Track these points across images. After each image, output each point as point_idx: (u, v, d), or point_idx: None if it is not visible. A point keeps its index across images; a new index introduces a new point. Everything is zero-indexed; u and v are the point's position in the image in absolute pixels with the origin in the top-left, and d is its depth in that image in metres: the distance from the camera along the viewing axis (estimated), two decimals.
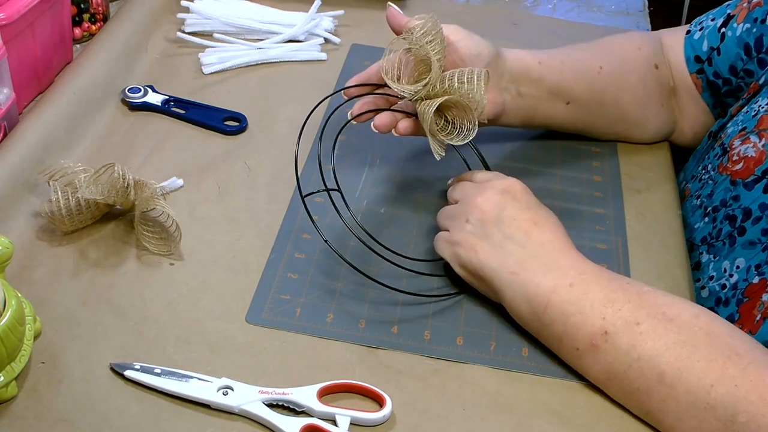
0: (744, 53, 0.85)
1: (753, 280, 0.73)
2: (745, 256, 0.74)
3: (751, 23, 0.84)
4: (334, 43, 1.04)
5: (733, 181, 0.79)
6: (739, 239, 0.76)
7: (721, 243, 0.78)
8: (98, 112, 0.88)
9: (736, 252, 0.76)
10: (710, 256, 0.79)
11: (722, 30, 0.87)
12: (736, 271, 0.75)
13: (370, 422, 0.62)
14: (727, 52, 0.86)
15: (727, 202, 0.78)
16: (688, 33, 0.90)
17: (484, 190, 0.71)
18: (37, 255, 0.73)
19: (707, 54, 0.88)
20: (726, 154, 0.81)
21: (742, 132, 0.81)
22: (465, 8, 1.15)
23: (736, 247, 0.76)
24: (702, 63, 0.88)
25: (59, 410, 0.61)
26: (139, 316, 0.68)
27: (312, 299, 0.71)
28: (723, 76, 0.87)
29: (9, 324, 0.59)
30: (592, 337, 0.64)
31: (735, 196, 0.78)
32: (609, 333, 0.63)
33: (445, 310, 0.72)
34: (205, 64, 0.97)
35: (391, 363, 0.67)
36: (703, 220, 0.81)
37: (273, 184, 0.82)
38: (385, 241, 0.77)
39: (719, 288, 0.76)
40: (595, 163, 0.89)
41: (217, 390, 0.63)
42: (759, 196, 0.75)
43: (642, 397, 0.62)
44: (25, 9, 0.81)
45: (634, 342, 0.62)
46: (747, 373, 0.59)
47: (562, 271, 0.66)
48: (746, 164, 0.78)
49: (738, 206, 0.77)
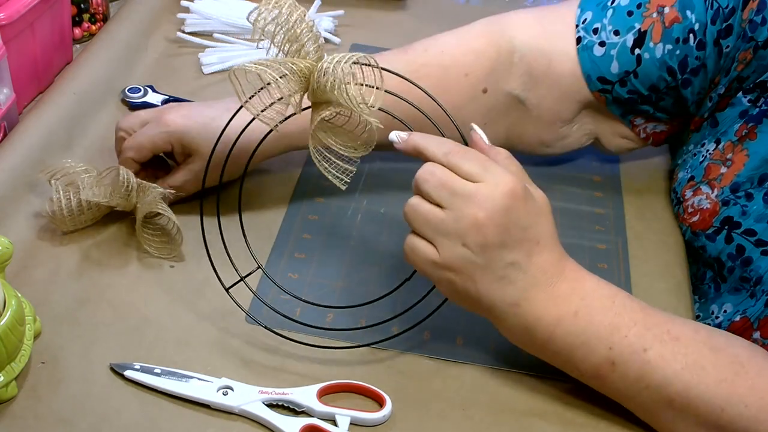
0: (668, 75, 0.77)
1: (735, 318, 0.72)
2: (732, 302, 0.74)
3: (672, 44, 0.75)
4: (334, 43, 1.04)
5: (694, 231, 0.78)
6: (723, 285, 0.75)
7: (706, 286, 0.77)
8: (98, 112, 0.88)
9: (723, 297, 0.75)
10: (695, 297, 0.78)
11: (636, 51, 0.76)
12: (723, 314, 0.74)
13: (370, 422, 0.62)
14: (648, 74, 0.77)
15: (698, 251, 0.78)
16: (580, 41, 0.78)
17: (482, 203, 0.59)
18: (37, 255, 0.73)
19: (620, 77, 0.78)
20: (680, 205, 0.80)
21: (691, 182, 0.79)
22: (465, 8, 1.15)
23: (723, 293, 0.75)
24: (610, 84, 0.78)
25: (59, 410, 0.61)
26: (139, 317, 0.68)
27: (312, 299, 0.71)
28: (642, 93, 0.78)
29: (9, 324, 0.59)
30: (598, 369, 0.61)
31: (702, 246, 0.77)
32: (616, 363, 0.61)
33: (445, 310, 0.72)
34: (205, 64, 0.97)
35: (391, 363, 0.67)
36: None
37: (273, 184, 0.82)
38: (385, 241, 0.77)
39: None
40: (595, 164, 0.89)
41: (217, 390, 0.63)
42: (723, 247, 0.74)
43: (651, 417, 0.62)
44: (25, 9, 0.81)
45: (642, 372, 0.60)
46: (755, 390, 0.59)
47: (564, 298, 0.61)
48: (702, 216, 0.77)
49: (708, 256, 0.76)
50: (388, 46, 1.03)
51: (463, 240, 0.59)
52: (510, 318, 0.62)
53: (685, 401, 0.60)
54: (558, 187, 0.85)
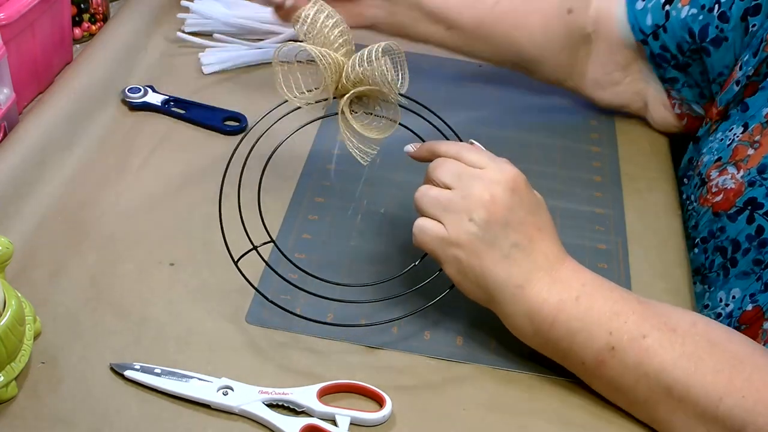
0: (689, 36, 0.84)
1: (747, 307, 0.72)
2: (740, 286, 0.74)
3: (697, 9, 0.82)
4: None
5: (715, 212, 0.78)
6: (732, 270, 0.75)
7: (714, 274, 0.77)
8: (98, 112, 0.88)
9: (730, 283, 0.75)
10: (704, 287, 0.78)
11: (666, 8, 0.85)
12: (732, 300, 0.74)
13: (370, 422, 0.62)
14: (673, 31, 0.85)
15: (715, 234, 0.78)
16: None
17: (489, 184, 0.63)
18: (37, 255, 0.73)
19: (651, 29, 0.86)
20: (704, 186, 0.80)
21: (718, 162, 0.80)
22: None
23: (731, 278, 0.75)
24: (646, 36, 0.87)
25: (59, 410, 0.61)
26: (139, 316, 0.68)
27: (312, 299, 0.71)
28: (671, 51, 0.86)
29: (9, 324, 0.59)
30: (598, 353, 0.62)
31: (721, 227, 0.77)
32: (616, 349, 0.61)
33: (445, 309, 0.72)
34: (205, 64, 0.97)
35: (391, 363, 0.67)
36: (692, 251, 0.81)
37: (273, 184, 0.82)
38: (385, 241, 0.77)
39: (714, 317, 0.75)
40: (595, 163, 0.89)
41: (217, 390, 0.63)
42: (744, 227, 0.74)
43: (649, 409, 0.62)
44: (25, 9, 0.81)
45: (641, 358, 0.61)
46: (752, 382, 0.59)
47: (566, 283, 0.63)
48: (726, 196, 0.77)
49: (725, 238, 0.76)
50: None
51: (469, 215, 0.62)
52: (514, 301, 0.63)
53: (683, 389, 0.60)
54: (558, 187, 0.85)
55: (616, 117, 0.96)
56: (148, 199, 0.79)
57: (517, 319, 0.64)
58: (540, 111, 0.96)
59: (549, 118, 0.95)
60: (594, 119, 0.96)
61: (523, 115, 0.95)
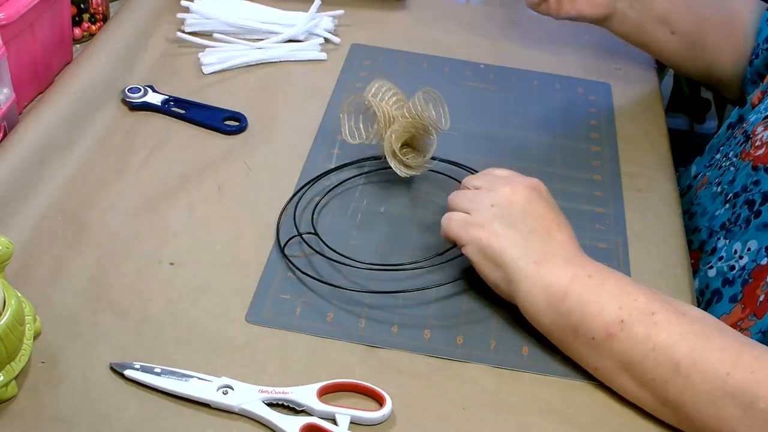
0: None
1: (762, 261, 0.73)
2: (758, 238, 0.74)
3: None
4: (334, 42, 1.04)
5: (754, 166, 0.79)
6: (753, 222, 0.76)
7: (738, 227, 0.78)
8: (98, 112, 0.88)
9: (749, 234, 0.76)
10: (726, 241, 0.79)
11: None
12: (747, 253, 0.75)
13: (370, 421, 0.62)
14: None
15: (748, 187, 0.79)
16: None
17: (511, 182, 0.71)
18: (37, 255, 0.73)
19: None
20: (749, 141, 0.82)
21: (766, 119, 0.81)
22: (465, 8, 1.15)
23: (750, 229, 0.76)
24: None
25: (59, 410, 0.61)
26: (139, 316, 0.68)
27: (312, 298, 0.71)
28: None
29: (9, 324, 0.59)
30: (608, 326, 0.63)
31: (755, 181, 0.78)
32: (625, 322, 0.63)
33: (445, 308, 0.72)
34: (205, 64, 0.97)
35: (391, 362, 0.67)
36: (723, 206, 0.81)
37: (273, 184, 0.82)
38: (385, 241, 0.77)
39: (727, 269, 0.76)
40: (595, 163, 0.89)
41: (217, 389, 0.63)
42: None
43: (658, 388, 0.62)
44: (25, 9, 0.81)
45: (650, 331, 0.62)
46: (762, 360, 0.59)
47: (581, 265, 0.67)
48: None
49: (758, 191, 0.77)
50: (388, 46, 1.04)
51: (492, 202, 0.69)
52: (529, 275, 0.66)
53: (692, 363, 0.60)
54: (558, 186, 0.85)
55: (616, 117, 0.96)
56: (148, 199, 0.79)
57: (532, 295, 0.66)
58: (540, 111, 0.96)
59: (549, 118, 0.95)
60: (594, 119, 0.96)
61: (523, 115, 0.95)
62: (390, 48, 1.04)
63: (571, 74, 1.02)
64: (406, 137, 0.81)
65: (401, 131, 0.79)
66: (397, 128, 0.79)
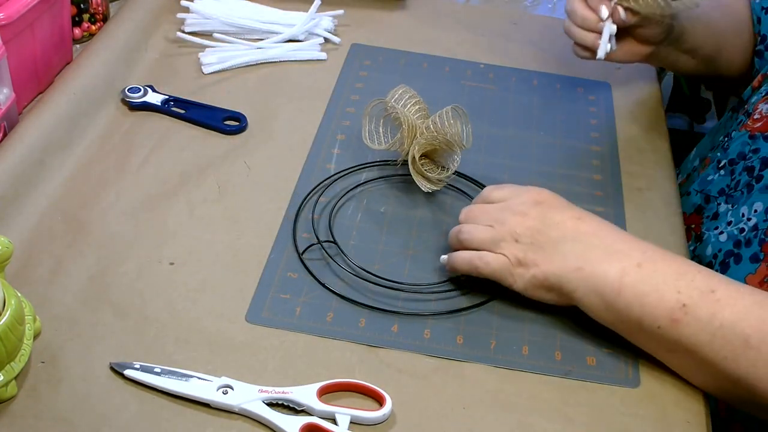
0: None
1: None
2: (763, 200, 0.75)
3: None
4: (334, 42, 1.04)
5: (752, 135, 0.80)
6: (756, 186, 0.77)
7: (739, 192, 0.79)
8: (98, 112, 0.88)
9: (753, 197, 0.77)
10: (728, 206, 0.80)
11: None
12: (754, 214, 0.76)
13: (370, 421, 0.62)
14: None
15: (746, 155, 0.79)
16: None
17: (515, 208, 0.70)
18: (37, 255, 0.73)
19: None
20: (748, 116, 0.83)
21: (766, 97, 0.83)
22: (465, 8, 1.15)
23: (754, 192, 0.77)
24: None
25: (59, 410, 0.61)
26: (139, 316, 0.68)
27: (312, 298, 0.71)
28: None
29: (9, 324, 0.59)
30: (671, 312, 0.63)
31: (755, 149, 0.79)
32: (687, 305, 0.62)
33: (445, 308, 0.72)
34: (205, 64, 0.97)
35: (391, 362, 0.67)
36: (718, 172, 0.82)
37: (273, 184, 0.82)
38: (385, 241, 0.77)
39: (738, 232, 0.77)
40: (595, 162, 0.89)
41: (217, 389, 0.63)
42: None
43: (730, 365, 0.62)
44: (25, 9, 0.81)
45: (714, 310, 0.62)
46: None
47: (625, 253, 0.66)
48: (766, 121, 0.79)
49: (757, 157, 0.78)
50: (388, 46, 1.04)
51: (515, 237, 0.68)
52: (580, 284, 0.66)
53: (761, 335, 0.60)
54: (558, 186, 0.85)
55: (616, 117, 0.96)
56: (148, 199, 0.79)
57: (589, 299, 0.66)
58: (540, 111, 0.96)
59: (549, 118, 0.95)
60: (594, 119, 0.96)
61: (523, 115, 0.95)
62: (390, 48, 1.04)
63: (571, 74, 1.02)
64: (428, 149, 0.81)
65: (425, 144, 0.80)
66: (421, 141, 0.79)
